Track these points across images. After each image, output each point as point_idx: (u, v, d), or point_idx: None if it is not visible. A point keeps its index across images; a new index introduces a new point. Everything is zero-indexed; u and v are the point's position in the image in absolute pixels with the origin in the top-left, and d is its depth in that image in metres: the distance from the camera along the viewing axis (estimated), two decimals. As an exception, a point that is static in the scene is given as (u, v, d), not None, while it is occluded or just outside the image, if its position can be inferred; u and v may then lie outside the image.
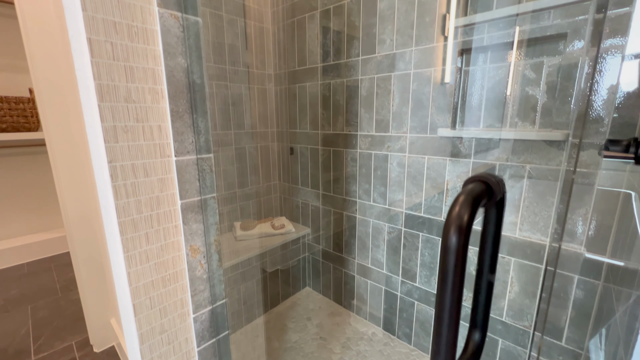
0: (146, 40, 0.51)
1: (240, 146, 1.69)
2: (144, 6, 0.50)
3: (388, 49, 1.25)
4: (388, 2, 1.22)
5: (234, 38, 1.57)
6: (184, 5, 0.54)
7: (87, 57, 0.45)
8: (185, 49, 0.55)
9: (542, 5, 0.89)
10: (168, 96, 0.54)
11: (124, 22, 0.48)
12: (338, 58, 1.45)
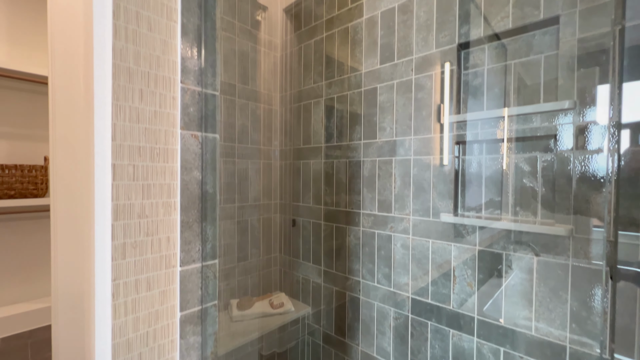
0: (166, 159, 0.54)
1: (243, 219, 1.70)
2: (168, 130, 0.54)
3: (388, 135, 1.34)
4: (387, 96, 1.34)
5: (245, 119, 1.69)
6: (204, 126, 0.59)
7: (108, 181, 0.48)
8: (202, 162, 0.58)
9: (526, 111, 0.97)
10: (180, 208, 0.56)
11: (147, 145, 0.52)
12: (341, 140, 1.54)
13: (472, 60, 1.14)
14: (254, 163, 1.75)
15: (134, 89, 0.50)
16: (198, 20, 0.57)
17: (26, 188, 2.09)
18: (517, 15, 1.00)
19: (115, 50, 0.48)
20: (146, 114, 0.52)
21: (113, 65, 0.47)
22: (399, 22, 1.29)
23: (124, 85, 0.49)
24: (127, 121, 0.49)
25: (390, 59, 1.32)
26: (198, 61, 0.57)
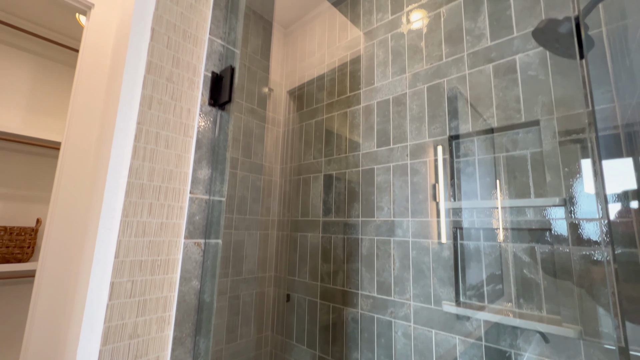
0: (166, 270, 0.53)
1: (234, 294, 1.61)
2: (172, 240, 0.55)
3: (386, 215, 1.36)
4: (384, 177, 1.40)
5: (244, 190, 1.72)
6: (208, 232, 0.59)
7: (104, 301, 0.46)
8: (202, 271, 0.57)
9: (518, 204, 1.01)
10: (174, 323, 0.53)
11: (149, 259, 0.51)
12: (339, 216, 1.55)
13: (463, 150, 1.22)
14: (251, 234, 1.73)
15: (144, 203, 0.51)
16: (212, 134, 0.62)
17: (11, 252, 2.01)
18: (501, 117, 1.11)
19: (132, 169, 0.50)
20: (152, 226, 0.52)
21: (128, 184, 0.50)
22: (394, 112, 1.41)
23: (135, 201, 0.50)
24: (133, 236, 0.50)
25: (387, 143, 1.41)
26: (208, 171, 0.60)
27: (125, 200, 0.49)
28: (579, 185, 0.94)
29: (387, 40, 1.50)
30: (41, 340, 1.18)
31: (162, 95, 0.56)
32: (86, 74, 1.26)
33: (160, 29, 0.57)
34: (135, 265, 0.50)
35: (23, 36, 2.15)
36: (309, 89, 1.87)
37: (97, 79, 1.29)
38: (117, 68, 0.95)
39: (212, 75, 0.63)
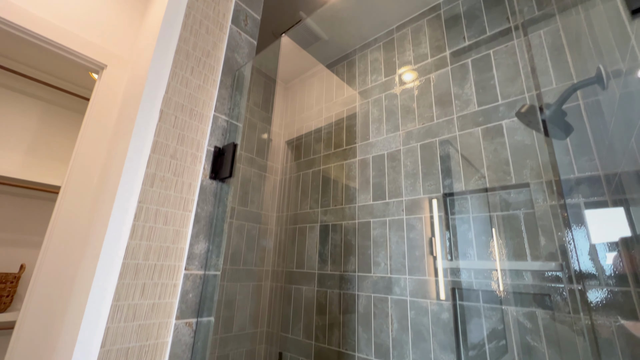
0: (154, 357, 0.51)
1: (223, 353, 1.51)
2: (163, 321, 0.53)
3: (383, 271, 1.33)
4: (380, 231, 1.39)
5: (240, 239, 1.70)
6: (200, 311, 0.57)
7: (85, 398, 0.43)
8: (191, 354, 0.55)
9: (514, 267, 1.00)
10: (157, 418, 0.49)
11: (137, 345, 0.49)
12: (335, 269, 1.52)
13: (457, 207, 1.24)
14: (243, 286, 1.67)
15: (137, 284, 0.50)
16: (211, 207, 0.63)
17: (-12, 302, 1.90)
18: (492, 177, 1.15)
19: (128, 249, 0.50)
20: (144, 308, 0.51)
21: (122, 265, 0.49)
22: (389, 167, 1.45)
23: (129, 282, 0.50)
24: (122, 322, 0.48)
25: (382, 197, 1.44)
26: (205, 245, 0.60)
27: (119, 282, 0.48)
28: (573, 250, 0.94)
29: (381, 100, 1.59)
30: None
31: (165, 173, 0.57)
32: (93, 128, 1.30)
33: (168, 109, 0.60)
34: (121, 354, 0.48)
35: (32, 83, 2.24)
36: (307, 140, 1.94)
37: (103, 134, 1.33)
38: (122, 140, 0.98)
39: (215, 149, 0.66)
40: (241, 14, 0.79)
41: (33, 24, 1.18)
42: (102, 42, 1.36)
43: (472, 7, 1.37)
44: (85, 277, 0.70)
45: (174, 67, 0.63)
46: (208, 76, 0.69)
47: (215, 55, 0.71)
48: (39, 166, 2.25)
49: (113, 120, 1.36)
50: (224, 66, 0.72)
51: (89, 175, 1.32)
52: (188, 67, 0.65)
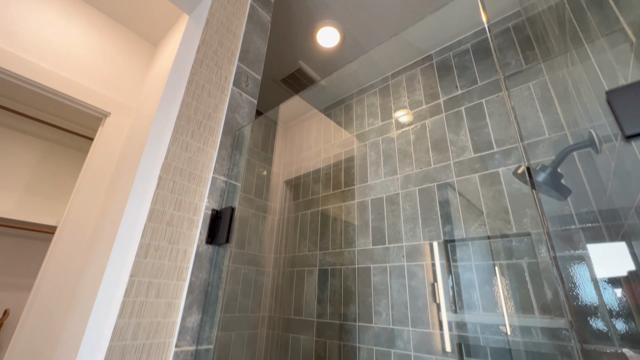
0: None
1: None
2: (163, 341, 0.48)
3: (385, 322, 1.27)
4: (381, 278, 1.35)
5: (235, 284, 1.64)
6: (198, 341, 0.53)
7: None
8: None
9: (520, 323, 0.96)
10: None
11: None
12: (334, 317, 1.45)
13: (459, 254, 1.21)
14: (239, 335, 1.58)
15: (123, 369, 0.47)
16: (206, 274, 0.60)
17: (-35, 353, 1.78)
18: (493, 225, 1.13)
19: (115, 330, 0.47)
20: (128, 397, 0.47)
21: (108, 349, 0.46)
22: (388, 211, 1.44)
23: (114, 368, 0.46)
24: (104, 415, 0.44)
25: (382, 242, 1.41)
26: (198, 316, 0.57)
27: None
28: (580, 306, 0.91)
29: (378, 143, 1.62)
30: None
31: (160, 241, 0.56)
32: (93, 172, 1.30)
33: (166, 175, 0.60)
34: None
35: (34, 123, 2.28)
36: (306, 180, 1.95)
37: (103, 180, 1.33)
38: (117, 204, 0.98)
39: (212, 212, 0.65)
40: (243, 76, 0.82)
41: (41, 76, 1.22)
42: (107, 91, 1.40)
43: (462, 59, 1.45)
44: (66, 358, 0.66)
45: (175, 132, 0.64)
46: (208, 138, 0.70)
47: (216, 117, 0.73)
48: (35, 205, 2.22)
49: (114, 166, 1.37)
50: (224, 127, 0.73)
51: (86, 219, 1.30)
52: (189, 131, 0.66)
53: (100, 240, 0.97)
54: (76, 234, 1.25)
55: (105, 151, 1.35)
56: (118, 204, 0.92)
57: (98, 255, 0.87)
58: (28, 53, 1.21)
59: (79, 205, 1.28)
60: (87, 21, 1.45)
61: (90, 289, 0.77)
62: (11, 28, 1.19)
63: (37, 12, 1.29)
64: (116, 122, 1.38)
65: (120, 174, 1.12)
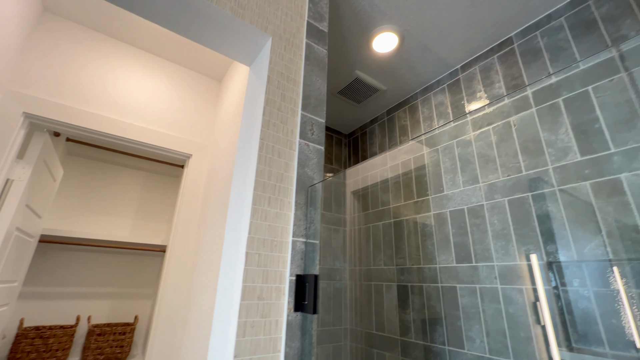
0: None
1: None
2: None
3: (479, 350, 1.17)
4: (470, 300, 1.24)
5: (315, 299, 1.69)
6: None
7: None
8: None
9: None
10: None
11: None
12: (419, 338, 1.39)
13: (568, 277, 1.03)
14: (323, 348, 1.65)
15: None
16: (299, 342, 0.62)
17: (113, 352, 2.24)
18: (618, 247, 0.93)
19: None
20: None
21: None
22: (472, 225, 1.30)
23: None
24: None
25: (468, 260, 1.29)
26: (296, 386, 0.59)
27: None
28: None
29: (452, 147, 1.47)
30: None
31: (254, 318, 0.59)
32: (186, 204, 1.48)
33: (252, 250, 0.63)
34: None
35: (135, 159, 2.68)
36: (373, 190, 1.89)
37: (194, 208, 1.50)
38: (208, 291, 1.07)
39: (297, 278, 0.66)
40: (307, 125, 0.81)
41: (136, 134, 1.42)
42: (187, 135, 1.56)
43: (555, 38, 1.19)
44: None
45: (254, 204, 0.66)
46: (283, 201, 0.71)
47: (287, 177, 0.73)
48: (143, 228, 2.64)
49: (201, 195, 1.53)
50: (297, 185, 0.73)
51: (188, 239, 1.49)
52: (265, 199, 0.68)
53: (195, 333, 1.08)
54: (181, 254, 1.44)
55: (192, 186, 1.51)
56: (208, 294, 1.01)
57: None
58: (125, 116, 1.41)
59: (180, 231, 1.47)
60: (161, 72, 1.63)
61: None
62: (110, 98, 1.40)
63: (126, 79, 1.49)
64: (197, 161, 1.53)
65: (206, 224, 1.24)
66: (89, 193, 2.46)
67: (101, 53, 1.48)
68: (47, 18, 1.40)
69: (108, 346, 2.20)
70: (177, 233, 1.44)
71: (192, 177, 1.52)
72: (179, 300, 1.42)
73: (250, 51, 0.90)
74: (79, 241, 2.25)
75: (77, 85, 1.36)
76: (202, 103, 1.68)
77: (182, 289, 1.44)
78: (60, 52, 1.38)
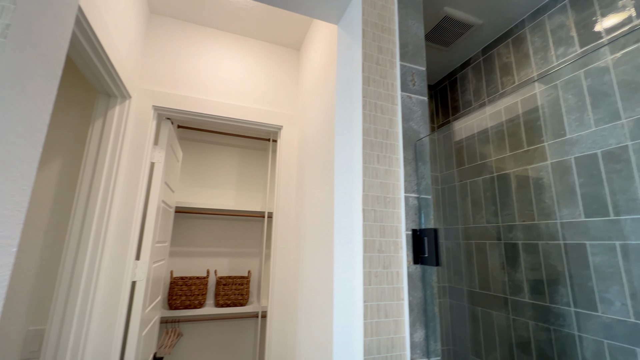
0: None
1: None
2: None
3: (621, 313, 1.01)
4: (605, 258, 1.06)
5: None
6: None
7: None
8: None
9: None
10: None
11: None
12: (535, 298, 1.28)
13: None
14: (422, 304, 1.67)
15: (377, 377, 0.57)
16: (420, 292, 0.64)
17: (236, 298, 2.71)
18: None
19: (365, 346, 0.57)
20: (386, 399, 0.57)
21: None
22: (608, 172, 1.08)
23: (371, 376, 0.56)
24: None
25: (602, 213, 1.09)
26: (422, 332, 0.62)
27: (364, 377, 0.56)
28: None
29: (578, 80, 1.19)
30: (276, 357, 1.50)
31: (376, 268, 0.62)
32: (283, 174, 1.62)
33: (367, 207, 0.65)
34: None
35: (231, 137, 3.00)
36: (470, 143, 1.71)
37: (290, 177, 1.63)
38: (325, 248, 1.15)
39: (412, 233, 0.67)
40: (407, 76, 0.76)
41: (231, 112, 1.57)
42: (275, 108, 1.65)
43: None
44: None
45: (364, 162, 0.67)
46: (391, 158, 0.70)
47: (393, 133, 0.71)
48: (244, 198, 3.00)
49: (295, 162, 1.64)
50: (403, 141, 0.71)
51: (288, 206, 1.65)
52: (374, 157, 0.68)
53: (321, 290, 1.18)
54: (284, 218, 1.61)
55: (287, 156, 1.63)
56: (313, 236, 1.09)
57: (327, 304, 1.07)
58: (223, 97, 1.56)
59: (282, 197, 1.63)
60: (246, 51, 1.72)
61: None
62: (209, 82, 1.56)
63: (219, 62, 1.63)
64: (288, 132, 1.62)
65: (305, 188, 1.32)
66: (198, 170, 2.89)
67: (196, 42, 1.63)
68: (153, 19, 1.60)
69: (232, 293, 2.67)
70: (280, 199, 1.59)
71: (285, 147, 1.63)
72: (288, 255, 1.61)
73: (337, 6, 0.86)
74: (199, 210, 2.71)
75: (184, 75, 1.55)
76: (286, 74, 1.73)
77: (290, 246, 1.62)
78: (166, 48, 1.58)
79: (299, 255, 1.48)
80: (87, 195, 1.15)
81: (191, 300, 2.52)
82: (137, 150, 1.33)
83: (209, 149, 2.93)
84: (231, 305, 2.62)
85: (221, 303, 2.59)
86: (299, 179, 1.55)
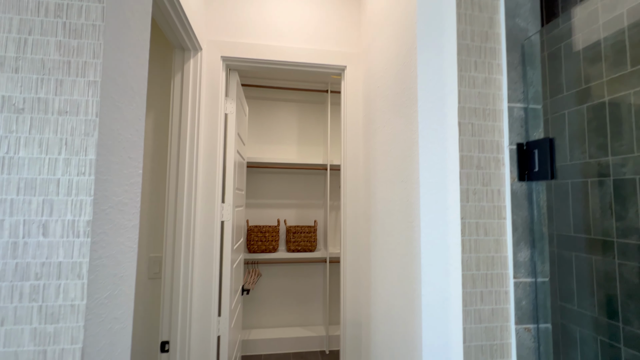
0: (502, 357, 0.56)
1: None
2: (503, 325, 0.56)
3: None
4: None
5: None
6: (536, 317, 0.56)
7: None
8: (537, 357, 0.56)
9: None
10: (518, 407, 0.55)
11: (487, 343, 0.55)
12: None
13: None
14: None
15: (476, 292, 0.56)
16: (526, 212, 0.58)
17: (305, 245, 2.91)
18: None
19: (463, 262, 0.55)
20: (486, 313, 0.56)
21: (462, 277, 0.55)
22: None
23: (470, 291, 0.55)
24: (473, 323, 0.55)
25: None
26: (528, 251, 0.57)
27: (463, 291, 0.55)
28: None
29: None
30: (351, 299, 1.63)
31: (475, 185, 0.58)
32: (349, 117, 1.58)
33: (464, 120, 0.59)
34: (478, 350, 0.55)
35: (290, 92, 3.01)
36: (570, 63, 1.42)
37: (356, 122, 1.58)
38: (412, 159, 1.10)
39: (518, 147, 0.59)
40: (512, -40, 0.62)
41: (294, 56, 1.53)
42: (337, 47, 1.56)
43: None
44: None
45: (460, 70, 0.59)
46: (492, 64, 0.61)
47: (493, 34, 0.61)
48: (305, 152, 3.07)
49: (362, 105, 1.57)
50: (506, 42, 0.60)
51: (356, 157, 1.63)
52: (471, 63, 0.60)
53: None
54: (353, 169, 1.61)
55: (352, 99, 1.57)
56: (386, 175, 1.04)
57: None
58: (285, 41, 1.53)
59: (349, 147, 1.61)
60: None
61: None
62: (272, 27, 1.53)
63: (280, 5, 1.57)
64: (352, 71, 1.54)
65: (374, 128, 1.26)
66: (262, 127, 3.01)
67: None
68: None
69: (301, 240, 2.87)
70: (347, 140, 1.57)
71: (350, 88, 1.56)
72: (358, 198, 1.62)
73: None
74: (266, 165, 2.87)
75: (247, 22, 1.54)
76: (345, 10, 1.60)
77: (355, 198, 1.62)
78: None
79: (369, 196, 1.48)
80: (177, 145, 1.28)
81: (266, 245, 2.79)
82: (212, 102, 1.41)
83: (270, 105, 3.00)
84: (301, 251, 2.84)
85: (292, 249, 2.83)
86: (365, 121, 1.50)
